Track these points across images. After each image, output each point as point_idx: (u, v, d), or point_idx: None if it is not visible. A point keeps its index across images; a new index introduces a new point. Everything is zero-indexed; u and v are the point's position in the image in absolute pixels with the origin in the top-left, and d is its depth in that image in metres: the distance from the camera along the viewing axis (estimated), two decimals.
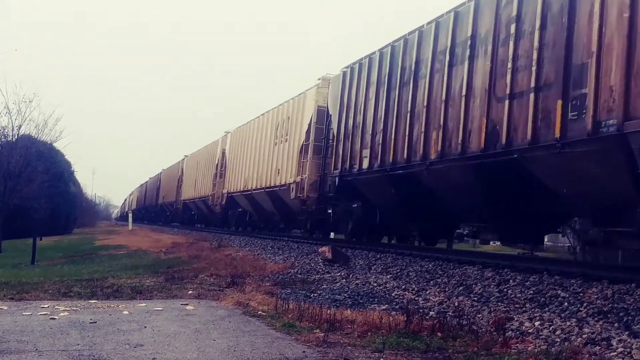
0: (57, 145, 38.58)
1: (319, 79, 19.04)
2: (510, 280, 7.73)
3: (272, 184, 21.71)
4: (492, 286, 7.61)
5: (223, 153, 30.86)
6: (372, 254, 12.11)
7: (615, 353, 4.49)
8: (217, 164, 31.59)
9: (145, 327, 5.37)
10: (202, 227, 36.71)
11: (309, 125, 18.89)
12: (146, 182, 65.56)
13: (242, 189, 25.74)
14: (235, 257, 13.56)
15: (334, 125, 16.45)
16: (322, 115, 18.18)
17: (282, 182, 20.55)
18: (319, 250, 12.12)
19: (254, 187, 23.95)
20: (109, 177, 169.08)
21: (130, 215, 51.96)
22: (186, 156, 43.26)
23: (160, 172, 54.43)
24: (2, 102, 49.86)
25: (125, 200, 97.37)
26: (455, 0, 11.68)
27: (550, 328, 5.38)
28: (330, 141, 17.16)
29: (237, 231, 26.91)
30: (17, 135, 32.18)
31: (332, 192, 16.28)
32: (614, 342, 4.73)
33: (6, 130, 31.90)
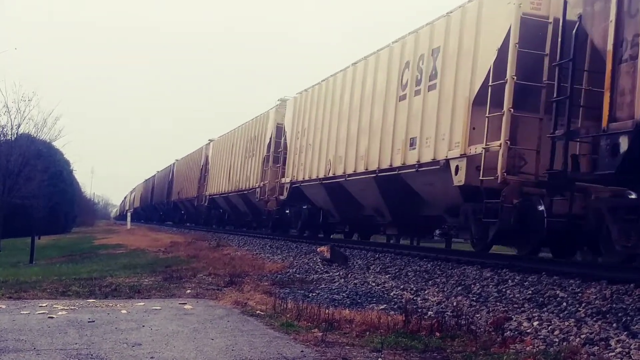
0: (56, 144, 38.81)
1: None
2: (509, 280, 7.73)
3: (400, 164, 12.84)
4: (490, 286, 7.60)
5: (279, 129, 22.22)
6: (370, 253, 12.10)
7: (613, 353, 4.49)
8: (269, 143, 22.78)
9: (143, 326, 5.37)
10: (237, 230, 27.08)
11: (501, 48, 9.88)
12: (153, 176, 58.78)
13: (322, 176, 17.17)
14: (234, 256, 13.55)
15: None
16: (536, 28, 9.81)
17: (428, 159, 11.70)
18: (318, 249, 12.12)
19: (348, 172, 15.55)
20: (107, 176, 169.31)
21: (129, 214, 51.96)
22: (211, 140, 33.92)
23: (173, 164, 45.49)
24: (1, 100, 49.85)
25: (126, 197, 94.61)
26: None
27: (549, 328, 5.38)
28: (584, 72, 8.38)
29: (303, 237, 18.54)
30: (17, 134, 32.33)
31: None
32: (612, 342, 4.73)
33: (5, 129, 32.06)
